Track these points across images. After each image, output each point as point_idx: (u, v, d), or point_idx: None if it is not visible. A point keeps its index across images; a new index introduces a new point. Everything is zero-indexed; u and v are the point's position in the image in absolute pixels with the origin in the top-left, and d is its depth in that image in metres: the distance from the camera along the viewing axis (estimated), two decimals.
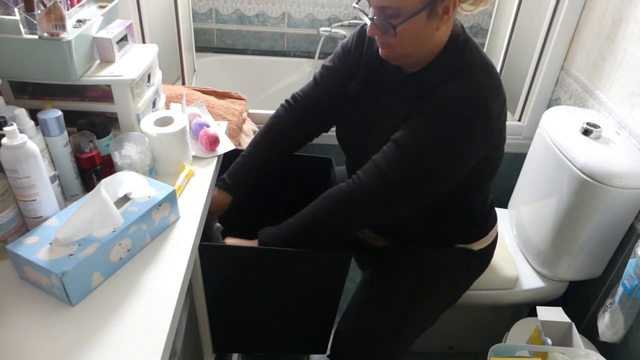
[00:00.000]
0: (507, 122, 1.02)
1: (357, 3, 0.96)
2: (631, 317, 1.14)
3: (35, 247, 0.74)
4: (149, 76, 1.04)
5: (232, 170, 1.15)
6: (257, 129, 1.70)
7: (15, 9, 0.87)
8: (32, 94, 0.96)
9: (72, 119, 0.91)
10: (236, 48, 2.45)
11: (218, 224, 1.15)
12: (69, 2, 0.99)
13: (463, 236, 1.19)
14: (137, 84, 0.98)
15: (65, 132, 0.86)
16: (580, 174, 1.22)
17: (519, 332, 1.32)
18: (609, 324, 1.18)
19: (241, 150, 1.17)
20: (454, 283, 1.19)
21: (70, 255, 0.72)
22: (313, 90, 1.17)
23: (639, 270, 1.08)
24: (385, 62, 1.01)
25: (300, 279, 1.07)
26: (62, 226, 0.75)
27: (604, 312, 1.20)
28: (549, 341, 1.15)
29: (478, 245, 1.20)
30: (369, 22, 0.93)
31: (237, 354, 1.49)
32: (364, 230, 1.24)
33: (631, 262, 1.11)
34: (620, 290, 1.14)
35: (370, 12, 0.93)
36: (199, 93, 1.62)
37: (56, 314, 0.72)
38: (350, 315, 1.14)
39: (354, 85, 1.10)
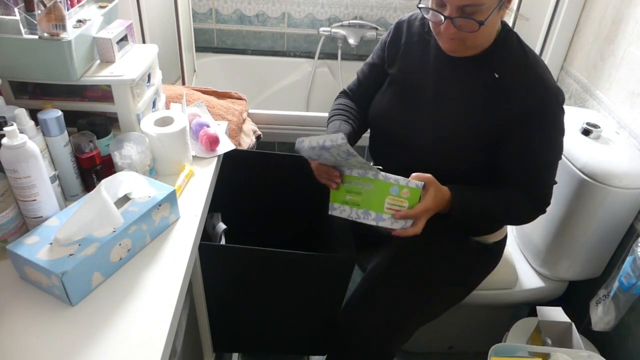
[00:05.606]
0: None
1: (419, 3, 0.98)
2: (624, 308, 1.15)
3: (35, 247, 0.74)
4: (149, 76, 1.04)
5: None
6: (257, 129, 1.70)
7: (15, 9, 0.87)
8: (32, 94, 0.96)
9: (72, 119, 0.91)
10: (236, 48, 2.45)
11: (221, 224, 1.15)
12: (69, 2, 0.99)
13: (482, 227, 1.19)
14: (137, 84, 0.98)
15: (66, 132, 0.86)
16: (580, 174, 1.22)
17: (519, 332, 1.32)
18: (602, 314, 1.18)
19: (241, 151, 1.17)
20: (464, 277, 1.19)
21: (70, 255, 0.72)
22: (358, 89, 1.24)
23: (637, 270, 1.08)
24: (430, 50, 1.06)
25: (303, 281, 1.07)
26: (62, 226, 0.75)
27: (597, 303, 1.21)
28: (549, 341, 1.15)
29: (493, 238, 1.21)
30: (442, 20, 0.93)
31: (237, 354, 1.49)
32: None
33: (629, 259, 1.11)
34: (616, 285, 1.14)
35: (447, 11, 0.93)
36: (199, 93, 1.62)
37: (56, 314, 0.72)
38: (353, 304, 1.12)
39: (393, 72, 1.14)
